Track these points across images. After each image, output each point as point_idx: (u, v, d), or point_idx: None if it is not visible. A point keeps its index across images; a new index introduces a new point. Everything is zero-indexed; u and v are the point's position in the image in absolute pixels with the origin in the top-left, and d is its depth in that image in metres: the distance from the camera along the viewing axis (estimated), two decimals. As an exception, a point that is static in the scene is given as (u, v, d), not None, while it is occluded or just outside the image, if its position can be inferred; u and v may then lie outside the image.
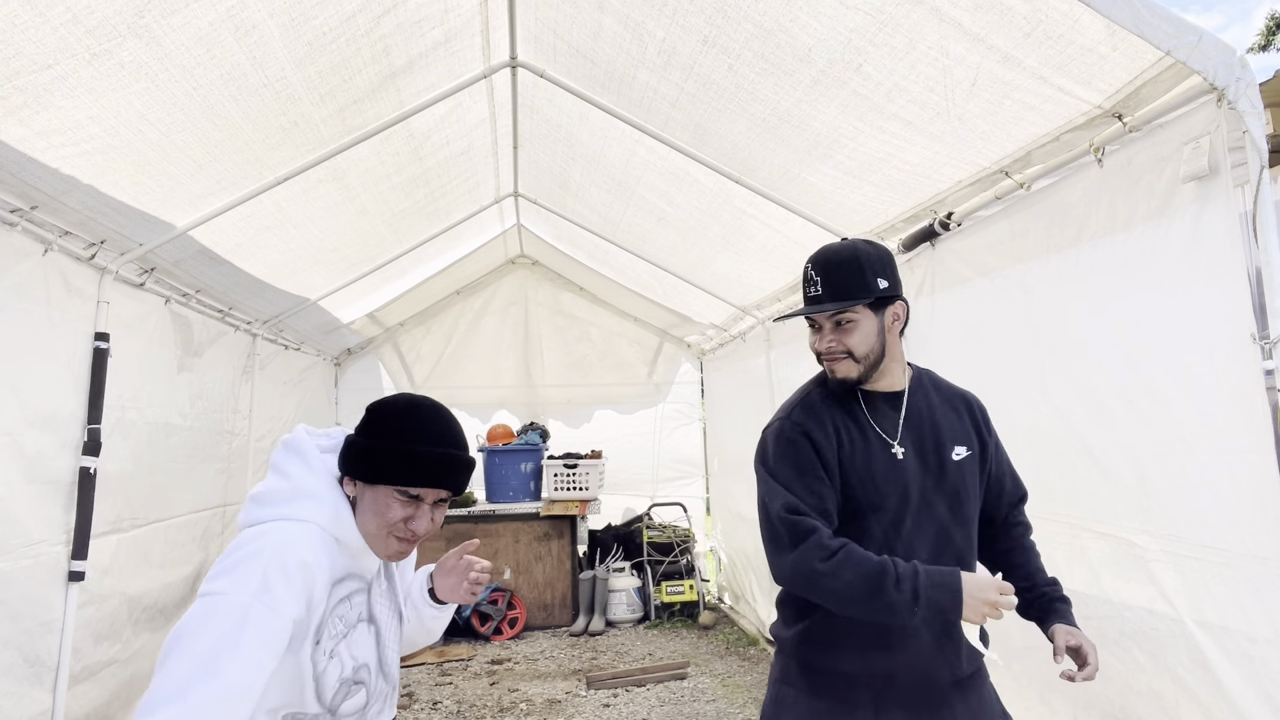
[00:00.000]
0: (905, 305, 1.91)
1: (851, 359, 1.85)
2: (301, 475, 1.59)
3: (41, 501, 3.01)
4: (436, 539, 6.71)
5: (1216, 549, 2.17)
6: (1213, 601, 2.19)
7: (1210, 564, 2.18)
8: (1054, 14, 2.10)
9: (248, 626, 1.37)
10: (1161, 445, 2.37)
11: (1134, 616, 2.53)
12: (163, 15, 2.35)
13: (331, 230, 4.57)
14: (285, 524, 1.51)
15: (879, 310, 1.85)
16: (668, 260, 5.76)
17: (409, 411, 1.60)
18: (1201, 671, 2.25)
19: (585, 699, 4.99)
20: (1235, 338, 2.05)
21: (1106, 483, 2.64)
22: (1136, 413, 2.46)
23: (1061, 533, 2.88)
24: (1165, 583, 2.37)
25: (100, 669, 3.45)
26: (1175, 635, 2.34)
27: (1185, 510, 2.29)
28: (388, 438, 1.56)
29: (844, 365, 1.87)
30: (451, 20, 3.28)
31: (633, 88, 3.58)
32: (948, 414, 1.98)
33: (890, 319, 1.87)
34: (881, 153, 3.12)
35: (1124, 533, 2.56)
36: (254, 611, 1.38)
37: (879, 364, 1.87)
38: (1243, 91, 1.95)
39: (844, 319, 1.85)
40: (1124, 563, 2.57)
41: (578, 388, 8.10)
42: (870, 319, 1.84)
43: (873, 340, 1.85)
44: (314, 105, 3.23)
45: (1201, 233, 2.14)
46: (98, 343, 3.33)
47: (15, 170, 2.64)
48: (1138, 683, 2.57)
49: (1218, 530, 2.16)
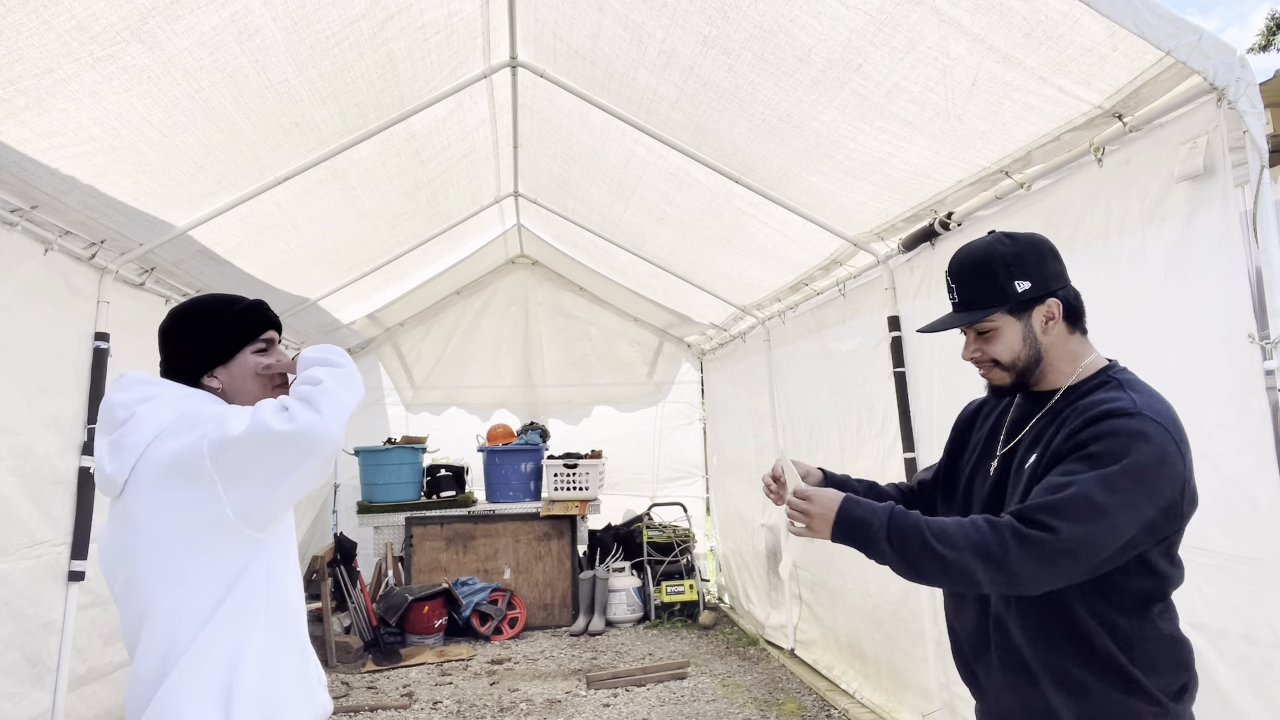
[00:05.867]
0: (1061, 301, 1.68)
1: (1000, 367, 1.72)
2: (168, 386, 1.70)
3: (43, 502, 3.01)
4: (437, 538, 6.72)
5: (1206, 551, 2.15)
6: (1206, 603, 2.18)
7: (1203, 566, 2.16)
8: (1054, 14, 2.11)
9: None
10: None
11: None
12: (167, 20, 2.36)
13: (332, 231, 4.58)
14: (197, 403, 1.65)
15: (1023, 313, 1.68)
16: (668, 260, 5.76)
17: (199, 302, 1.82)
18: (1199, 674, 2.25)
19: (585, 699, 5.00)
20: (1227, 338, 2.04)
21: None
22: None
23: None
24: None
25: (112, 670, 3.45)
26: None
27: None
28: (213, 317, 1.78)
29: (994, 374, 1.74)
30: (454, 24, 3.29)
31: (632, 88, 3.59)
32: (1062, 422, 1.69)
33: (1042, 320, 1.68)
34: (881, 153, 3.13)
35: None
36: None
37: (1035, 367, 1.70)
38: (1243, 91, 1.96)
39: (983, 328, 1.71)
40: None
41: (578, 387, 8.10)
42: (1013, 325, 1.68)
43: (1018, 346, 1.69)
44: (315, 106, 3.23)
45: (1195, 233, 2.14)
46: (98, 343, 3.33)
47: (16, 170, 2.65)
48: None
49: (1206, 533, 2.14)
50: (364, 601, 6.29)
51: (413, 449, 7.03)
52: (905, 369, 3.83)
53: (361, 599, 6.29)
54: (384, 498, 6.81)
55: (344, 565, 6.27)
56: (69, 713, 3.10)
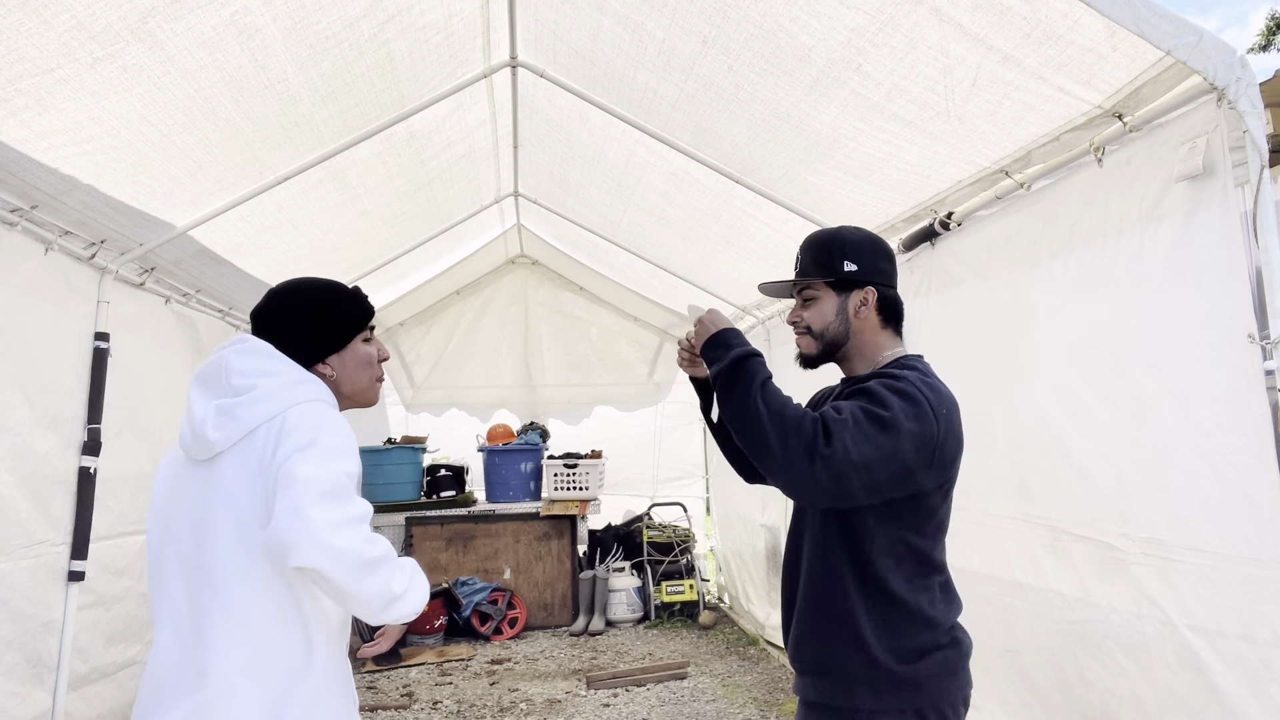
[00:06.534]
0: (878, 293, 1.83)
1: (810, 335, 1.88)
2: (289, 365, 1.66)
3: (43, 502, 3.01)
4: (437, 538, 6.72)
5: (1201, 551, 2.15)
6: (1202, 604, 2.17)
7: (1197, 566, 2.16)
8: (1054, 14, 2.11)
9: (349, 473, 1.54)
10: (1141, 448, 2.35)
11: (1120, 620, 2.51)
12: (166, 20, 2.36)
13: (332, 230, 4.58)
14: (311, 403, 1.60)
15: (842, 291, 1.84)
16: (668, 260, 5.76)
17: (308, 288, 1.77)
18: (1192, 675, 2.23)
19: (585, 699, 5.00)
20: (1226, 338, 2.04)
21: (1083, 485, 2.63)
22: (1118, 414, 2.44)
23: (1044, 535, 2.87)
24: (1149, 586, 2.35)
25: (116, 670, 3.45)
26: (1163, 639, 2.32)
27: (1166, 513, 2.27)
28: (335, 303, 1.76)
29: (804, 340, 1.90)
30: (454, 24, 3.29)
31: (632, 88, 3.59)
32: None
33: (857, 302, 1.82)
34: (881, 153, 3.13)
35: (1103, 536, 2.55)
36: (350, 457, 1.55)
37: (842, 344, 1.85)
38: (1243, 91, 1.95)
39: (807, 294, 1.88)
40: (1106, 566, 2.55)
41: (578, 387, 8.10)
42: (831, 298, 1.85)
43: (830, 318, 1.84)
44: (315, 106, 3.23)
45: (1193, 232, 2.14)
46: (98, 343, 3.33)
47: (15, 170, 2.65)
48: (1120, 688, 2.55)
49: (1202, 533, 2.15)
50: (364, 601, 6.29)
51: (413, 449, 7.03)
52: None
53: (361, 599, 6.29)
54: (384, 498, 6.81)
55: (344, 565, 6.27)
56: (71, 712, 3.10)
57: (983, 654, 3.41)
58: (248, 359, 1.63)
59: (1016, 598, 3.07)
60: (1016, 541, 3.00)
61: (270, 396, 1.57)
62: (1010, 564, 3.05)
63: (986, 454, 3.19)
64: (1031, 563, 2.96)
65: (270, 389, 1.58)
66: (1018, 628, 3.09)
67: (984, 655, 3.39)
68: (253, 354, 1.64)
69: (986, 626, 3.35)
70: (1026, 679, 3.03)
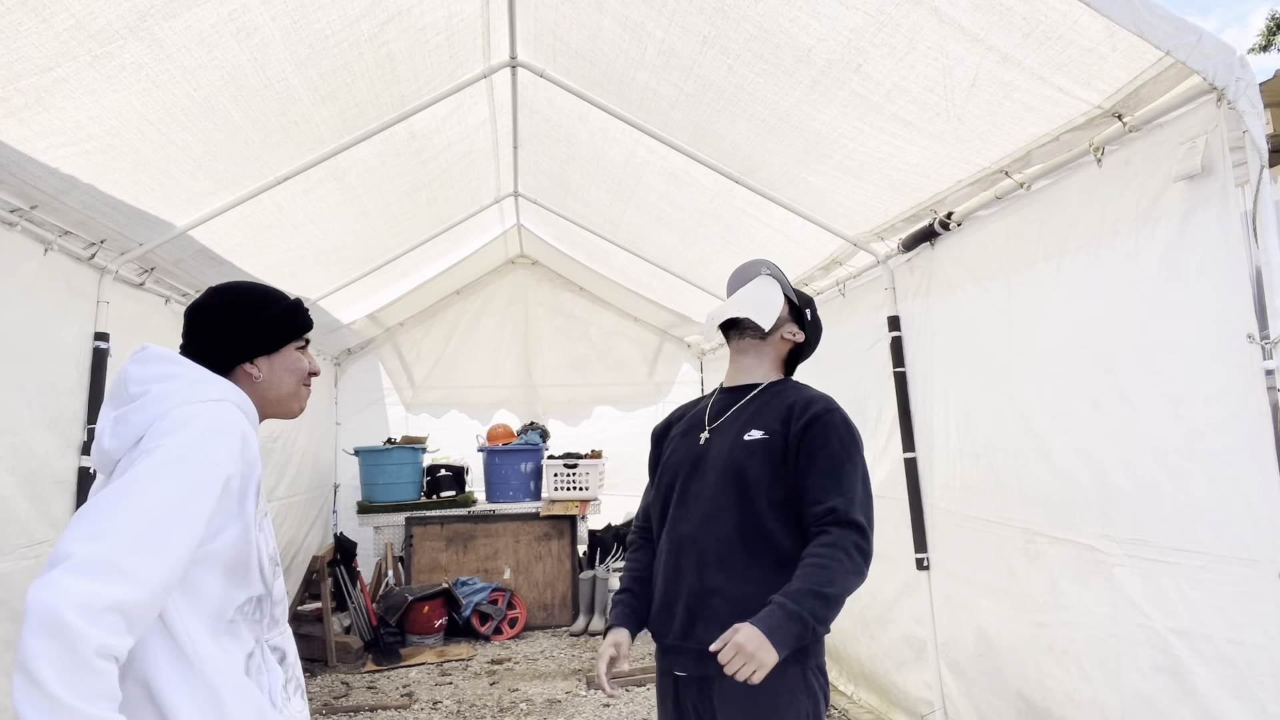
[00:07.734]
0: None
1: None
2: (190, 367, 1.62)
3: (43, 502, 3.01)
4: (437, 538, 6.72)
5: (1191, 552, 2.14)
6: (1186, 606, 2.16)
7: (1186, 568, 2.15)
8: (1053, 14, 2.11)
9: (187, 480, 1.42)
10: (1128, 448, 2.34)
11: (1092, 623, 2.49)
12: (165, 18, 2.36)
13: (332, 231, 4.58)
14: (206, 403, 1.55)
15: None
16: (667, 260, 5.76)
17: (250, 289, 1.77)
18: (1165, 678, 2.21)
19: (585, 699, 5.00)
20: (1222, 338, 2.03)
21: (1062, 486, 2.62)
22: (1102, 416, 2.43)
23: (1016, 537, 2.87)
24: (1130, 588, 2.34)
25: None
26: (1138, 642, 2.30)
27: (1154, 514, 2.26)
28: (273, 306, 1.75)
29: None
30: (454, 25, 3.29)
31: (632, 89, 3.59)
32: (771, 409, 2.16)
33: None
34: (881, 153, 3.13)
35: (1083, 538, 2.54)
36: (195, 464, 1.44)
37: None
38: (1243, 91, 1.95)
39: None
40: (1083, 568, 2.53)
41: (578, 387, 8.10)
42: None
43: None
44: (315, 106, 3.23)
45: (1189, 233, 2.13)
46: (98, 343, 3.33)
47: (15, 170, 2.65)
48: (1080, 694, 2.53)
49: (1193, 534, 2.13)
50: (364, 601, 6.29)
51: (413, 449, 7.03)
52: (905, 369, 3.84)
53: (361, 599, 6.29)
54: (384, 498, 6.81)
55: (344, 565, 6.27)
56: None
57: (957, 656, 3.43)
58: (145, 366, 1.60)
59: (989, 600, 3.07)
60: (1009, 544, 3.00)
61: (162, 398, 1.53)
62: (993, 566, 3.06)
63: (962, 457, 3.19)
64: (1003, 565, 2.97)
65: (163, 392, 1.54)
66: (988, 631, 3.09)
67: (958, 658, 3.40)
68: (150, 361, 1.61)
69: (960, 629, 3.35)
70: (996, 683, 3.03)
